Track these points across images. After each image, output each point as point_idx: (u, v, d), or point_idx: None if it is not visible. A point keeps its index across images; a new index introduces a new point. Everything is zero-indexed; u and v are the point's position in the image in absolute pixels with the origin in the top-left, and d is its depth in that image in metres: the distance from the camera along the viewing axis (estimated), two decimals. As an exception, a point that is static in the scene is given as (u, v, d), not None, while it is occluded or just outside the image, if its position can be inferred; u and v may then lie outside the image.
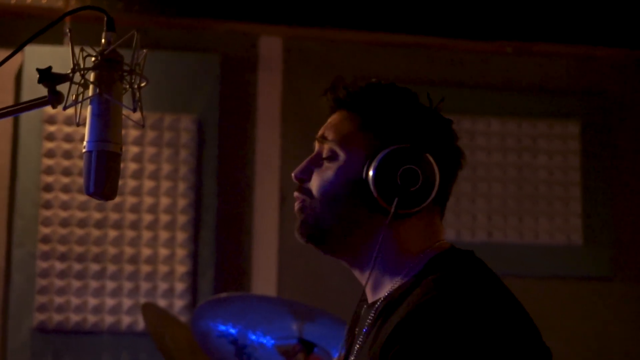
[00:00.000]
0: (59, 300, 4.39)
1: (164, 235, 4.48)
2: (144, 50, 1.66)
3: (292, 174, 1.92)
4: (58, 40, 4.43)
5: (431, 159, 1.81)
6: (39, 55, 4.26)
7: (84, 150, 1.63)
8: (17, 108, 1.70)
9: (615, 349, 4.86)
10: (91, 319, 4.40)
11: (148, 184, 4.50)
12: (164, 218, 4.49)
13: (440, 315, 1.64)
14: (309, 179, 1.90)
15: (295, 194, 1.92)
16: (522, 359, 1.67)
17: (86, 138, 1.63)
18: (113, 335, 4.43)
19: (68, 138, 4.48)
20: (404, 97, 1.91)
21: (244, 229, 4.69)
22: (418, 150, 1.80)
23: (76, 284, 4.41)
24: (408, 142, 1.81)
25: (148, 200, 4.50)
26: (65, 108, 1.64)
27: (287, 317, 2.87)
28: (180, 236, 4.48)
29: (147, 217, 4.49)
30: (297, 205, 1.91)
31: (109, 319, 4.41)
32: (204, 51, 4.73)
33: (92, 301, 4.41)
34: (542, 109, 4.98)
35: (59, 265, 4.41)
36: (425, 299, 1.67)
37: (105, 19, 1.66)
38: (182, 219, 4.50)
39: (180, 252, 4.47)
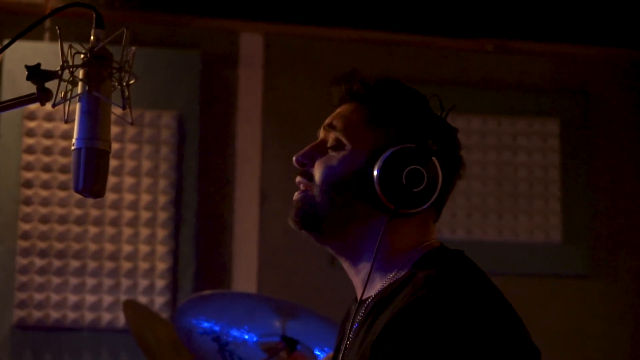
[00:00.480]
0: (38, 297, 4.38)
1: (144, 232, 4.47)
2: (133, 48, 1.66)
3: (294, 158, 1.93)
4: (38, 36, 4.42)
5: (436, 162, 1.83)
6: (18, 51, 4.23)
7: (73, 147, 1.62)
8: (5, 105, 1.70)
9: (592, 346, 4.89)
10: (71, 315, 4.39)
11: (128, 180, 4.49)
12: (145, 215, 4.48)
13: (431, 314, 1.65)
14: (311, 165, 1.91)
15: (298, 178, 1.92)
16: (511, 358, 1.68)
17: (75, 135, 1.62)
18: (93, 332, 4.41)
19: (48, 134, 4.47)
20: (415, 99, 1.92)
21: (225, 226, 4.69)
22: (425, 152, 1.81)
23: (56, 280, 4.40)
24: (415, 142, 1.82)
25: (128, 197, 4.49)
26: (54, 105, 1.64)
27: (270, 314, 2.88)
28: (161, 233, 4.48)
29: (128, 214, 4.48)
30: (297, 195, 1.91)
31: (89, 316, 4.40)
32: (185, 47, 4.72)
33: (72, 298, 4.40)
34: (521, 106, 5.00)
35: (38, 262, 4.39)
36: (415, 297, 1.68)
37: (95, 16, 1.66)
38: (162, 215, 4.49)
39: (161, 249, 4.46)
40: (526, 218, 4.87)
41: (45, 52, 4.26)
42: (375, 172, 1.81)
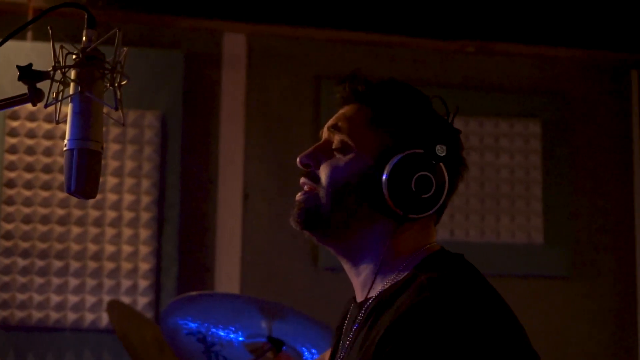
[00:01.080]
0: (21, 297, 4.36)
1: (127, 232, 4.46)
2: (125, 48, 1.66)
3: (298, 159, 1.92)
4: (21, 36, 4.39)
5: (443, 167, 1.83)
6: (2, 51, 4.21)
7: (65, 148, 1.62)
8: (-4, 105, 1.69)
9: (574, 346, 4.91)
10: (54, 315, 4.38)
11: (111, 180, 4.48)
12: (128, 215, 4.47)
13: (435, 316, 1.65)
14: (315, 166, 1.89)
15: (302, 179, 1.91)
16: None
17: (67, 136, 1.62)
18: (76, 332, 4.40)
19: (31, 134, 4.45)
20: (419, 100, 1.92)
21: (208, 226, 4.69)
22: (433, 158, 1.81)
23: (39, 280, 4.38)
24: (421, 147, 1.82)
25: (111, 197, 4.48)
26: (46, 106, 1.63)
27: (256, 315, 2.87)
28: (144, 233, 4.47)
29: (111, 214, 4.47)
30: (300, 195, 1.90)
31: (71, 316, 4.39)
32: (168, 48, 4.72)
33: (55, 298, 4.38)
34: (503, 108, 5.01)
35: (21, 262, 4.38)
36: (419, 299, 1.68)
37: (86, 16, 1.65)
38: (145, 215, 4.48)
39: (144, 249, 4.46)
40: (508, 219, 4.89)
41: (28, 51, 4.25)
42: (383, 177, 1.81)
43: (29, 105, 1.64)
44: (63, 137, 4.37)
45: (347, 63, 4.85)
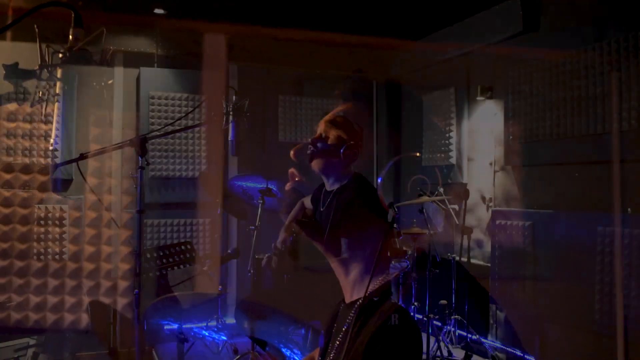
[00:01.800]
0: None
1: (107, 233, 4.45)
2: (111, 48, 1.66)
3: (291, 152, 1.91)
4: (0, 35, 4.38)
5: (438, 171, 1.84)
6: (-19, 50, 4.20)
7: (50, 147, 1.62)
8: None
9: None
10: (33, 316, 4.36)
11: (92, 181, 4.46)
12: (107, 215, 4.46)
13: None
14: (308, 159, 1.89)
15: (291, 170, 1.90)
16: None
17: (53, 135, 1.62)
18: (55, 332, 4.39)
19: (9, 134, 4.43)
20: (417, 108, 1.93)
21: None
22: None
23: (17, 281, 4.37)
24: (417, 150, 1.83)
25: (91, 198, 4.46)
26: (32, 105, 1.63)
27: (238, 315, 2.87)
28: (124, 234, 4.46)
29: (90, 215, 4.45)
30: (289, 185, 1.90)
31: (50, 317, 4.37)
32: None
33: (34, 299, 4.37)
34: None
35: (0, 263, 4.36)
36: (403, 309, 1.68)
37: (73, 15, 1.65)
38: (125, 217, 4.47)
39: (123, 250, 4.45)
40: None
41: (7, 50, 4.23)
42: (379, 180, 1.81)
43: (8, 106, 1.64)
44: (42, 138, 4.39)
45: (326, 63, 4.86)
